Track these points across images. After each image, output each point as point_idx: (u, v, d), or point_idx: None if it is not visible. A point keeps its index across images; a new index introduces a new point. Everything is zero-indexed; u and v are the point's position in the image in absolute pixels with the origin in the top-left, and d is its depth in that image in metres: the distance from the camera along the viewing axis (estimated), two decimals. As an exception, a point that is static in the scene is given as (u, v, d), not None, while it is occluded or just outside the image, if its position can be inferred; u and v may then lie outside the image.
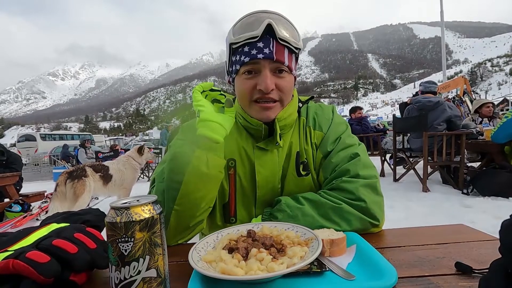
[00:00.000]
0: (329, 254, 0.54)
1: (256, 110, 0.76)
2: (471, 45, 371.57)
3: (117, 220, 0.37)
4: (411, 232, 0.69)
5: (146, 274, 0.38)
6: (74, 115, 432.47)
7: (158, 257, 0.39)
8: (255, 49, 0.70)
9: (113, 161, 4.23)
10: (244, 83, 0.74)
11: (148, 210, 0.38)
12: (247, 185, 0.81)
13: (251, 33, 0.69)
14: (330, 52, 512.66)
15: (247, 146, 0.81)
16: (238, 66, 0.74)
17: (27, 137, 31.38)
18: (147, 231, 0.38)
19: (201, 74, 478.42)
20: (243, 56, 0.72)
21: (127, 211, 0.37)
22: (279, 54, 0.71)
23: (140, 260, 0.37)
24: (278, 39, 0.70)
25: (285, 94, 0.75)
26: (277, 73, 0.73)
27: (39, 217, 3.86)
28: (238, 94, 0.78)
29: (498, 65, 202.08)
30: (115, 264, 0.37)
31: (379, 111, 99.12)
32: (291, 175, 0.81)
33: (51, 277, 0.43)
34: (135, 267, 0.37)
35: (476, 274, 0.46)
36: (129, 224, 0.37)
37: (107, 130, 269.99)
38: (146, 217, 0.38)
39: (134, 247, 0.37)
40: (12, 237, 0.50)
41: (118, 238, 0.37)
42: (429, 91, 4.31)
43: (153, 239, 0.38)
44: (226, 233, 0.60)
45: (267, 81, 0.70)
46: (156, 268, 0.38)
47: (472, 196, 3.56)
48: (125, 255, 0.37)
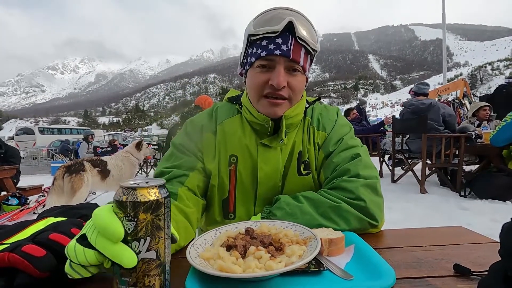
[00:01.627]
0: (328, 253, 0.54)
1: (264, 105, 0.76)
2: (472, 48, 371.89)
3: (123, 199, 0.38)
4: (410, 233, 0.69)
5: (145, 255, 0.38)
6: (73, 109, 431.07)
7: (159, 240, 0.39)
8: (273, 44, 0.71)
9: (112, 156, 4.22)
10: (257, 76, 0.75)
11: (153, 193, 0.39)
12: (247, 181, 0.80)
13: (271, 27, 0.70)
14: (331, 52, 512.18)
15: (250, 143, 0.81)
16: (254, 59, 0.74)
17: (25, 131, 31.30)
18: (151, 213, 0.38)
19: (201, 71, 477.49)
20: (260, 50, 0.72)
21: (134, 192, 0.38)
22: (295, 53, 0.71)
23: (141, 240, 0.38)
24: (297, 38, 0.71)
25: (295, 93, 0.76)
26: (291, 72, 0.73)
27: (36, 210, 3.86)
28: (249, 86, 0.79)
29: (498, 68, 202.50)
30: None
31: (378, 112, 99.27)
32: (292, 174, 0.81)
33: (47, 271, 0.43)
34: (136, 247, 0.38)
35: (474, 277, 0.46)
36: (133, 204, 0.38)
37: (106, 125, 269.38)
38: (150, 199, 0.38)
39: (137, 227, 0.38)
40: (9, 230, 0.50)
41: (123, 216, 0.38)
42: (422, 93, 4.34)
43: (156, 222, 0.39)
44: (224, 230, 0.60)
45: (280, 77, 0.71)
46: (156, 251, 0.39)
47: (469, 199, 3.58)
48: (128, 234, 0.38)
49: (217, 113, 0.87)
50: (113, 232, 0.37)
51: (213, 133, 0.83)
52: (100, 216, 0.37)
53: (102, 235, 0.37)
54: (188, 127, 0.86)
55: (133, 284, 0.38)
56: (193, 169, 0.78)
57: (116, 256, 0.37)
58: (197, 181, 0.78)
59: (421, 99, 4.22)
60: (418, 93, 4.34)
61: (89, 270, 0.39)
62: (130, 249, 0.38)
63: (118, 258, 0.37)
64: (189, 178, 0.76)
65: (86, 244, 0.38)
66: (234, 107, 0.88)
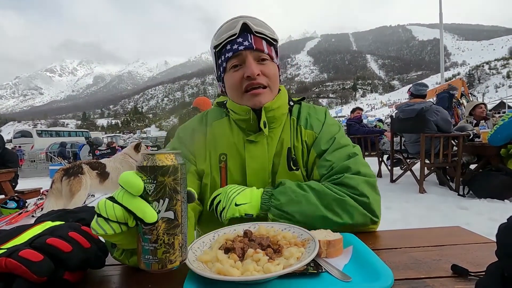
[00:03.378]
0: (326, 255, 0.54)
1: (248, 98, 0.80)
2: (469, 48, 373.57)
3: (144, 164, 0.42)
4: (407, 234, 0.69)
5: (165, 215, 0.42)
6: (71, 111, 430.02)
7: (176, 202, 0.43)
8: (235, 44, 0.77)
9: (110, 158, 4.21)
10: (232, 76, 0.80)
11: (170, 159, 0.43)
12: (238, 178, 0.83)
13: (230, 32, 0.77)
14: (329, 53, 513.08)
15: (238, 141, 0.84)
16: (225, 63, 0.80)
17: (23, 133, 31.16)
18: (168, 176, 0.42)
19: (200, 72, 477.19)
20: (227, 53, 0.79)
21: (153, 157, 0.42)
22: (258, 44, 0.78)
23: (160, 201, 0.42)
24: (255, 33, 0.78)
25: (271, 80, 0.81)
26: (260, 62, 0.79)
27: (34, 213, 3.85)
28: (229, 88, 0.83)
29: (496, 68, 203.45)
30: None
31: (377, 112, 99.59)
32: (283, 169, 0.82)
33: (44, 276, 0.43)
34: (156, 206, 0.41)
35: (472, 277, 0.46)
36: (152, 168, 0.41)
37: (104, 127, 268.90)
38: (168, 164, 0.42)
39: (156, 188, 0.41)
40: (6, 235, 0.49)
41: (145, 180, 0.42)
42: (419, 94, 4.29)
43: (173, 185, 0.42)
44: (222, 233, 0.60)
45: (252, 67, 0.76)
46: (174, 211, 0.42)
47: (468, 198, 3.59)
48: (149, 195, 0.42)
49: (207, 116, 0.92)
50: (133, 184, 0.41)
51: (203, 134, 0.87)
52: (124, 174, 0.42)
53: (126, 192, 0.42)
54: (180, 133, 0.90)
55: (154, 241, 0.41)
56: (187, 173, 0.80)
57: (139, 210, 0.40)
58: (192, 184, 0.81)
59: (412, 103, 4.18)
60: (415, 95, 4.32)
61: (112, 227, 0.42)
62: (152, 207, 0.41)
63: (141, 213, 0.40)
64: None
65: (114, 201, 0.42)
66: (222, 110, 0.92)
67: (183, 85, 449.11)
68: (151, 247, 0.41)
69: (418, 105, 4.06)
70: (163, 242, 0.41)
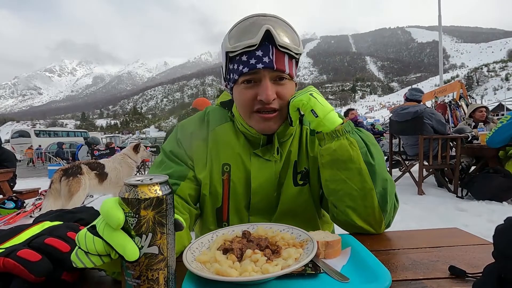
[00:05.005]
0: (324, 256, 0.54)
1: (257, 120, 0.73)
2: (468, 50, 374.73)
3: (126, 196, 0.39)
4: (405, 235, 0.69)
5: (148, 250, 0.39)
6: (70, 112, 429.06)
7: (161, 235, 0.40)
8: (253, 58, 0.67)
9: (109, 159, 4.20)
10: (243, 93, 0.71)
11: (154, 190, 0.40)
12: (241, 191, 0.79)
13: (249, 41, 0.66)
14: (329, 54, 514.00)
15: (244, 153, 0.78)
16: (237, 76, 0.70)
17: (21, 133, 31.05)
18: (152, 210, 0.39)
19: (199, 73, 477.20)
20: (241, 66, 0.68)
21: (135, 189, 0.39)
22: (279, 63, 0.67)
23: (143, 236, 0.39)
24: (278, 46, 0.67)
25: (285, 102, 0.72)
26: (278, 81, 0.70)
27: (33, 214, 3.83)
28: (238, 104, 0.76)
29: (494, 70, 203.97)
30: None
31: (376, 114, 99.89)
32: (288, 184, 0.79)
33: (42, 276, 0.43)
34: (139, 242, 0.39)
35: (469, 278, 0.46)
36: (135, 201, 0.39)
37: (103, 128, 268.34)
38: (151, 196, 0.39)
39: (138, 223, 0.39)
40: (4, 235, 0.49)
41: (126, 212, 0.39)
42: (414, 99, 4.35)
43: (157, 218, 0.40)
44: (221, 233, 0.60)
45: (268, 91, 0.67)
46: (158, 246, 0.40)
47: (466, 200, 3.59)
48: (131, 229, 0.39)
49: (209, 118, 0.84)
50: (113, 217, 0.37)
51: (204, 140, 0.80)
52: (105, 204, 0.39)
53: (107, 224, 0.38)
54: (178, 133, 0.83)
55: (137, 277, 0.39)
56: (184, 178, 0.77)
57: (119, 246, 0.38)
58: (189, 190, 0.77)
59: (407, 106, 4.23)
60: (409, 99, 4.38)
61: (92, 261, 0.39)
62: (134, 243, 0.39)
63: (121, 249, 0.38)
64: (180, 187, 0.75)
65: (95, 233, 0.39)
66: (226, 113, 0.84)
67: (182, 86, 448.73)
68: (134, 283, 0.39)
69: (413, 107, 4.11)
70: (146, 278, 0.39)
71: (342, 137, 0.65)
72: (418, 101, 4.36)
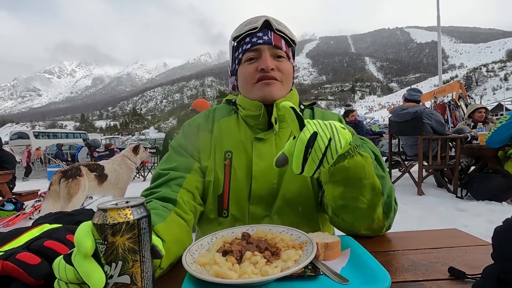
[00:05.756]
0: (324, 257, 0.54)
1: (258, 87, 0.79)
2: (467, 50, 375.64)
3: (95, 222, 0.37)
4: (405, 236, 0.70)
5: (118, 280, 0.36)
6: (70, 113, 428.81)
7: (133, 264, 0.37)
8: (255, 37, 0.79)
9: (108, 160, 4.20)
10: (246, 68, 0.81)
11: (124, 215, 0.37)
12: (242, 178, 0.79)
13: (251, 25, 0.79)
14: (328, 55, 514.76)
15: (245, 139, 0.82)
16: (241, 55, 0.82)
17: (20, 135, 31.02)
18: (121, 235, 0.36)
19: (199, 74, 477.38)
20: (245, 45, 0.80)
21: (104, 214, 0.36)
22: (277, 41, 0.79)
23: (112, 264, 0.36)
24: (275, 30, 0.80)
25: (285, 76, 0.81)
26: (277, 58, 0.80)
27: (32, 216, 3.82)
28: (241, 79, 0.84)
29: (493, 70, 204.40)
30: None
31: (375, 114, 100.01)
32: (289, 171, 0.78)
33: (42, 279, 0.43)
34: (109, 270, 0.36)
35: (469, 280, 0.46)
36: (102, 226, 0.36)
37: (103, 129, 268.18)
38: (119, 221, 0.36)
39: (107, 250, 0.36)
40: (3, 238, 0.49)
41: (96, 239, 0.36)
42: (413, 99, 4.36)
43: (128, 245, 0.37)
44: (220, 235, 0.60)
45: (267, 60, 0.77)
46: (130, 275, 0.37)
47: (466, 200, 3.60)
48: (100, 257, 0.36)
49: (215, 113, 0.90)
50: (81, 244, 0.36)
51: (209, 131, 0.85)
52: (78, 229, 0.37)
53: (79, 251, 0.36)
54: (185, 128, 0.89)
55: None
56: (190, 170, 0.78)
57: (85, 275, 0.35)
58: (195, 182, 0.78)
59: (407, 106, 4.24)
60: (409, 99, 4.39)
61: None
62: (103, 271, 0.36)
63: (86, 278, 0.35)
64: (187, 180, 0.76)
65: (68, 260, 0.37)
66: (231, 108, 0.91)
67: (182, 87, 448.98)
68: None
69: (412, 108, 4.13)
70: None
71: (354, 154, 0.59)
72: (417, 102, 4.37)
